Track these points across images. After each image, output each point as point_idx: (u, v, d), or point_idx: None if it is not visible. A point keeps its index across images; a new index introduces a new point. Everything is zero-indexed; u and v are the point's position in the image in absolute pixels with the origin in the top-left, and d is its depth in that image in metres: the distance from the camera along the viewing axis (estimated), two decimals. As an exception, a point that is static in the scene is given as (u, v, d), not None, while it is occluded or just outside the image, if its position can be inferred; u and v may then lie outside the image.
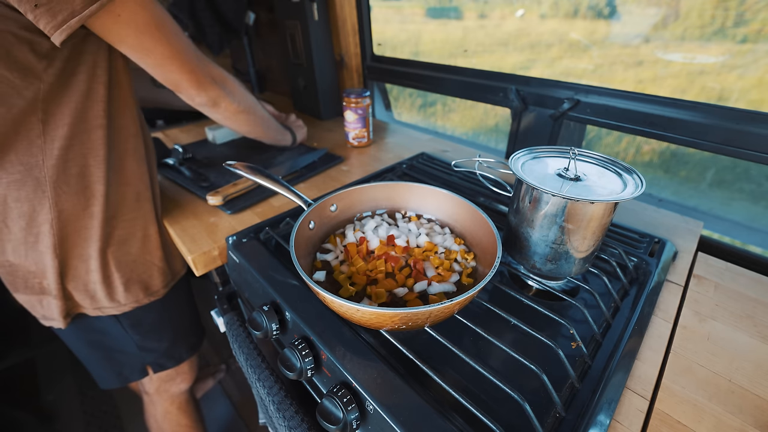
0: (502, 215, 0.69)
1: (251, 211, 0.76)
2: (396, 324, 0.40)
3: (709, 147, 0.66)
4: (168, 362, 0.85)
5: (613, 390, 0.40)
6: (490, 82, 0.95)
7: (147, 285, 0.72)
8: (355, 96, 0.98)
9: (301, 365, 0.44)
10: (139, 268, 0.70)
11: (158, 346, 0.81)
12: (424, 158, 0.95)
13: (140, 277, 0.70)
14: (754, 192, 0.75)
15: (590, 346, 0.46)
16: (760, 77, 0.65)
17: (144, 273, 0.71)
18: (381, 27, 1.22)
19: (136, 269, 0.69)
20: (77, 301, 0.66)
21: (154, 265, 0.72)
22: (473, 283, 0.51)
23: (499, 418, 0.35)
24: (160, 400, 0.92)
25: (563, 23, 0.88)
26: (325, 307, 0.48)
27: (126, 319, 0.72)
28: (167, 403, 0.93)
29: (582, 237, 0.48)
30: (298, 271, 0.41)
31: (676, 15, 0.72)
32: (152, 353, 0.81)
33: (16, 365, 1.45)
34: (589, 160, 0.53)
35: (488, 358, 0.45)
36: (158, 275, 0.73)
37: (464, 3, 1.08)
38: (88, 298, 0.67)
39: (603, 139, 0.95)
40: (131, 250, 0.68)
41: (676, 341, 0.47)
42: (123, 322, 0.73)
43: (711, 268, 0.60)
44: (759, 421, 0.38)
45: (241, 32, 1.45)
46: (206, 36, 1.40)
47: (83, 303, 0.67)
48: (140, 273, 0.70)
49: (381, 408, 0.37)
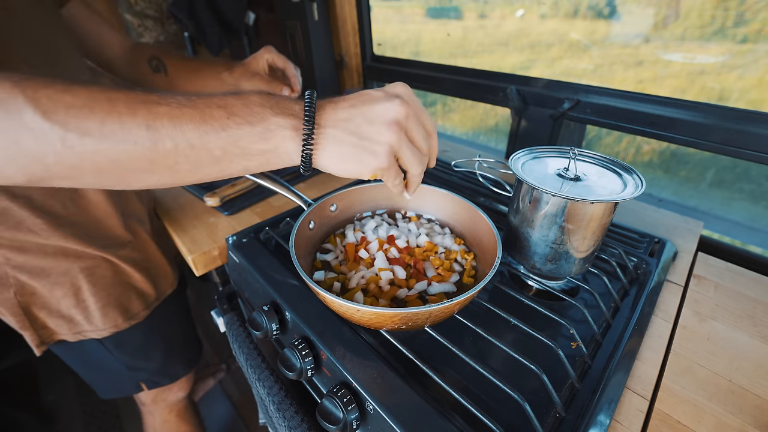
0: (502, 215, 0.69)
1: (251, 210, 0.76)
2: (396, 324, 0.40)
3: (709, 147, 0.66)
4: (162, 380, 0.81)
5: (613, 390, 0.40)
6: (490, 82, 0.94)
7: (126, 309, 0.66)
8: (355, 96, 0.98)
9: (301, 365, 0.44)
10: (117, 292, 0.64)
11: (148, 366, 0.77)
12: (424, 158, 0.95)
13: (118, 301, 0.65)
14: (754, 192, 0.75)
15: (590, 346, 0.46)
16: (760, 77, 0.65)
17: (122, 296, 0.65)
18: (381, 27, 1.22)
19: (113, 293, 0.64)
20: (53, 328, 0.62)
21: (132, 288, 0.66)
22: (473, 283, 0.51)
23: (499, 418, 0.35)
24: (158, 410, 0.89)
25: (563, 23, 0.88)
26: (325, 307, 0.48)
27: (109, 341, 0.67)
28: (165, 412, 0.90)
29: (582, 237, 0.48)
30: (298, 271, 0.41)
31: (676, 15, 0.72)
32: (143, 372, 0.77)
33: (16, 365, 1.45)
34: (589, 160, 0.53)
35: (488, 358, 0.45)
36: (137, 298, 0.68)
37: (464, 3, 1.08)
38: (65, 323, 0.62)
39: (603, 139, 0.95)
40: (106, 273, 0.63)
41: (676, 341, 0.47)
42: (106, 345, 0.68)
43: (711, 268, 0.60)
44: (759, 421, 0.38)
45: (241, 32, 1.44)
46: (206, 36, 1.40)
47: (60, 330, 0.62)
48: (118, 297, 0.64)
49: (381, 408, 0.37)
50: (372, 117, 0.35)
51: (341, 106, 0.36)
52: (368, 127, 0.35)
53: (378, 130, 0.35)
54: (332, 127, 0.35)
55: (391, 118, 0.35)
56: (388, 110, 0.35)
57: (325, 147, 0.35)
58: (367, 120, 0.35)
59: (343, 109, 0.36)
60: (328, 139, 0.35)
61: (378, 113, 0.35)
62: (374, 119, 0.35)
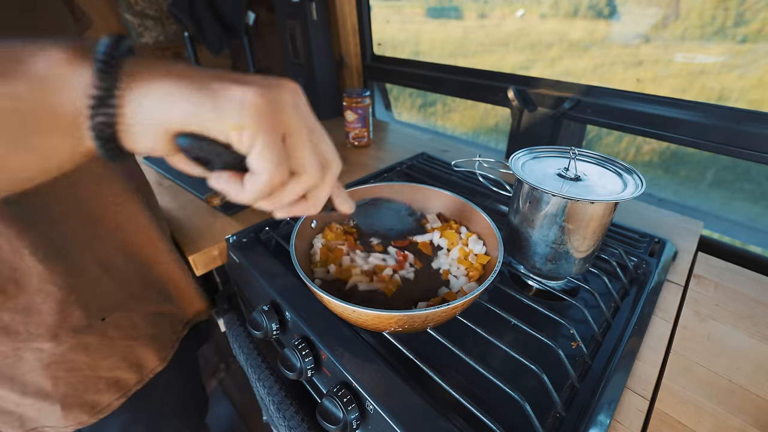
0: (502, 215, 0.69)
1: (251, 210, 0.76)
2: (393, 326, 0.40)
3: (709, 147, 0.66)
4: None
5: (613, 390, 0.40)
6: (490, 82, 0.94)
7: (93, 404, 0.51)
8: (355, 96, 0.98)
9: (301, 365, 0.44)
10: (82, 381, 0.50)
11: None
12: (424, 158, 0.95)
13: (82, 396, 0.50)
14: (754, 192, 0.75)
15: (590, 346, 0.46)
16: (760, 77, 0.65)
17: (91, 388, 0.50)
18: (381, 27, 1.22)
19: (74, 383, 0.49)
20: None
21: (100, 378, 0.51)
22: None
23: (500, 418, 0.35)
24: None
25: (563, 23, 0.88)
26: (325, 307, 0.48)
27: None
28: None
29: (582, 237, 0.48)
30: (297, 271, 0.41)
31: (676, 15, 0.72)
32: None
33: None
34: (589, 160, 0.53)
35: (488, 358, 0.45)
36: (108, 389, 0.52)
37: (464, 3, 1.08)
38: (15, 420, 0.48)
39: (603, 139, 0.95)
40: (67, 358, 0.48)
41: (676, 341, 0.47)
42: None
43: (711, 268, 0.60)
44: (759, 421, 0.38)
45: (241, 32, 1.44)
46: (206, 36, 1.39)
47: (6, 429, 0.49)
48: (82, 391, 0.50)
49: (381, 408, 0.37)
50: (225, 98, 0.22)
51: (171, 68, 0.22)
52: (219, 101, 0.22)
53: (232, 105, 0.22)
54: (148, 78, 0.21)
55: (250, 103, 0.23)
56: (246, 94, 0.22)
57: (143, 98, 0.21)
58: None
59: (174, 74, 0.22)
60: (144, 89, 0.21)
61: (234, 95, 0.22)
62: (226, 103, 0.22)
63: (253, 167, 0.24)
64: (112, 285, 0.52)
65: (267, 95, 0.23)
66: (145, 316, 0.56)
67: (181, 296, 0.63)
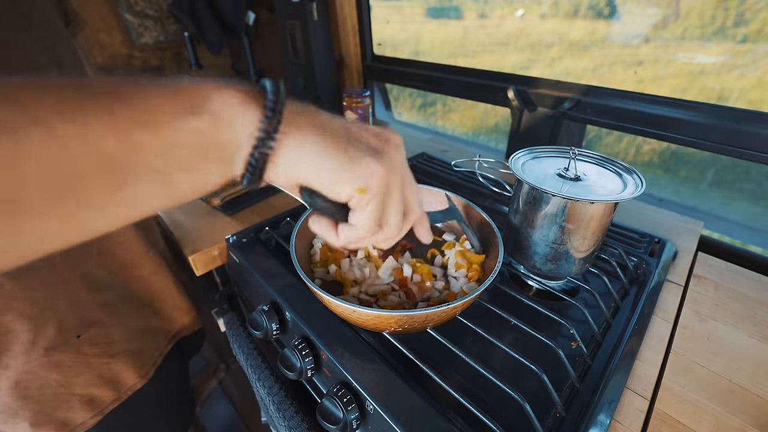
0: (502, 215, 0.69)
1: (251, 210, 0.76)
2: (393, 326, 0.40)
3: (709, 147, 0.66)
4: None
5: (613, 390, 0.40)
6: (490, 82, 0.94)
7: (66, 421, 0.50)
8: (355, 96, 0.98)
9: (301, 365, 0.44)
10: (53, 399, 0.49)
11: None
12: (424, 158, 0.95)
13: (53, 414, 0.49)
14: (754, 192, 0.75)
15: (590, 346, 0.46)
16: (760, 77, 0.65)
17: (63, 405, 0.49)
18: (381, 27, 1.22)
19: (45, 401, 0.48)
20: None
21: (74, 396, 0.50)
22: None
23: (500, 418, 0.35)
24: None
25: (563, 23, 0.88)
26: (325, 307, 0.48)
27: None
28: None
29: (582, 237, 0.48)
30: (297, 271, 0.41)
31: (676, 15, 0.72)
32: None
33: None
34: (589, 160, 0.53)
35: (488, 358, 0.45)
36: (82, 406, 0.50)
37: (464, 3, 1.08)
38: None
39: (603, 139, 0.95)
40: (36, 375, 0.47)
41: (676, 341, 0.47)
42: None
43: (711, 268, 0.60)
44: (759, 421, 0.38)
45: (241, 32, 1.44)
46: (206, 36, 1.39)
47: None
48: (53, 409, 0.49)
49: (381, 408, 0.37)
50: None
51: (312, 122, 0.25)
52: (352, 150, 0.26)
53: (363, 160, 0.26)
54: (301, 127, 0.24)
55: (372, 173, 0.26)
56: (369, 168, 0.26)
57: (293, 144, 0.24)
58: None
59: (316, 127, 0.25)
60: (297, 137, 0.24)
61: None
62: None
63: (354, 222, 0.28)
64: (92, 300, 0.50)
65: (388, 163, 0.27)
66: (124, 332, 0.54)
67: (167, 310, 0.62)
